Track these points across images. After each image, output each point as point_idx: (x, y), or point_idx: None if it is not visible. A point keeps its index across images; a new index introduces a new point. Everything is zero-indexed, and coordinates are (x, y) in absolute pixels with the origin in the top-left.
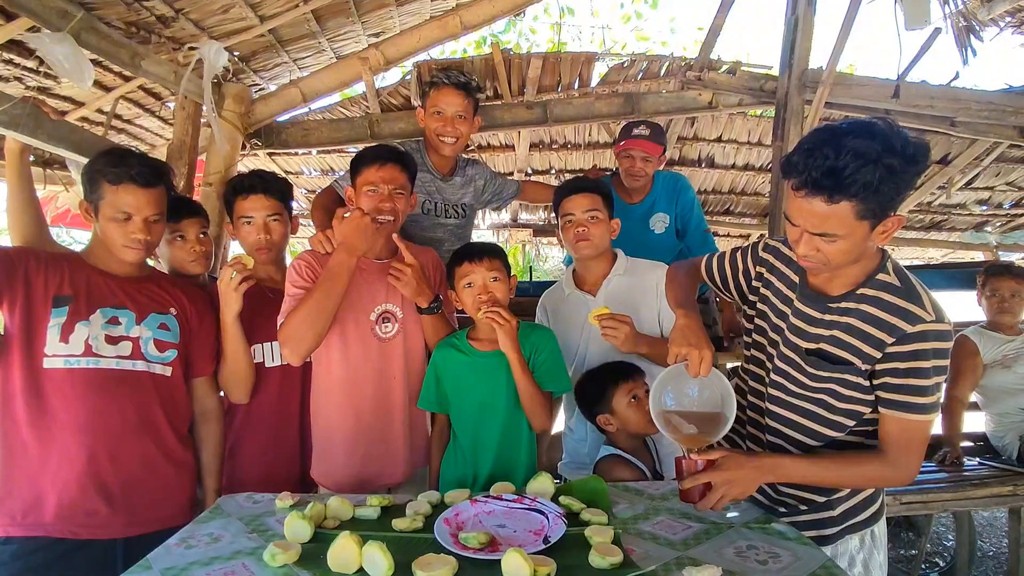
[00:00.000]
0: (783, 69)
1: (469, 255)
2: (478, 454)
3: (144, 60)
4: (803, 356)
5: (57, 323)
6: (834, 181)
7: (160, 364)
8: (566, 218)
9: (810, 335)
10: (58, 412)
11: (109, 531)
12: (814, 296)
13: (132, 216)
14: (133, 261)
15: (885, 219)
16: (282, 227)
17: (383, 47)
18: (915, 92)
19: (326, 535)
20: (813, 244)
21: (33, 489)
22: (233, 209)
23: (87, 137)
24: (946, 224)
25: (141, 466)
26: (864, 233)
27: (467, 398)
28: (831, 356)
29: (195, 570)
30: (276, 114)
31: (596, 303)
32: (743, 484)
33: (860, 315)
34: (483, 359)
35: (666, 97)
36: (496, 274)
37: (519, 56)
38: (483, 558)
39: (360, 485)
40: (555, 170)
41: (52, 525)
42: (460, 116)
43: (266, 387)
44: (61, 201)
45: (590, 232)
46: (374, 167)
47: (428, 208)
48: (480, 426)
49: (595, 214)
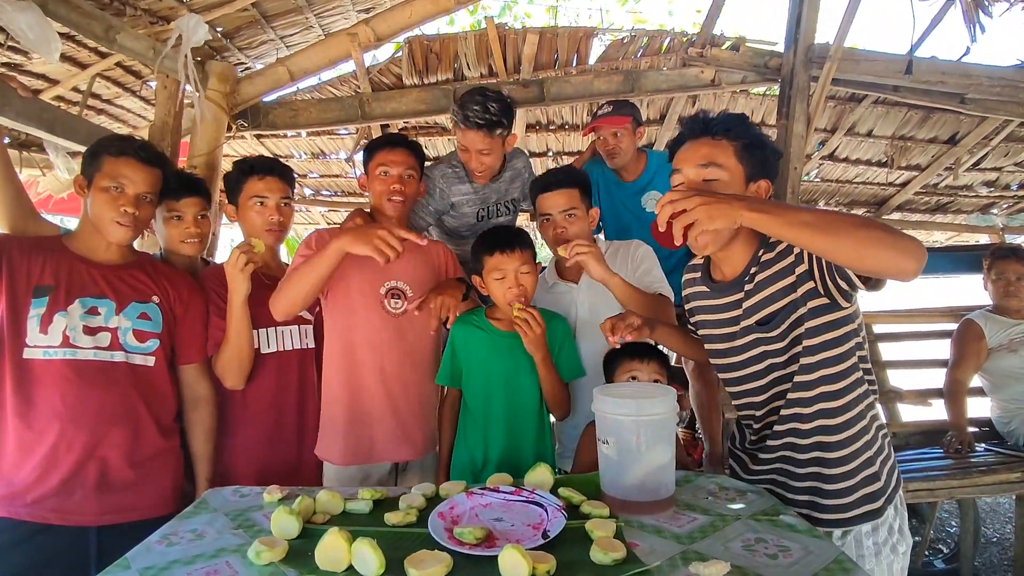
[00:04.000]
0: (788, 44)
1: (500, 246)
2: (489, 433)
3: (120, 34)
4: (758, 329)
5: (37, 314)
6: (715, 122)
7: (140, 355)
8: (543, 216)
9: (749, 309)
10: (36, 402)
11: (80, 518)
12: (723, 285)
13: (125, 188)
14: (120, 240)
15: (756, 179)
16: (290, 212)
17: (373, 23)
18: (926, 68)
19: (315, 531)
20: (696, 184)
21: (12, 474)
22: (241, 190)
23: (60, 116)
24: (952, 206)
25: (119, 456)
26: (740, 182)
27: (484, 376)
28: (776, 311)
29: (176, 569)
30: (262, 94)
31: (579, 291)
32: (719, 207)
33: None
34: (502, 338)
35: (667, 75)
36: (527, 266)
37: (515, 32)
38: (479, 554)
39: (362, 459)
40: (552, 152)
41: (24, 508)
42: (485, 152)
43: (262, 374)
44: (42, 187)
45: (568, 232)
46: (385, 150)
47: (482, 215)
48: (495, 404)
49: (573, 212)
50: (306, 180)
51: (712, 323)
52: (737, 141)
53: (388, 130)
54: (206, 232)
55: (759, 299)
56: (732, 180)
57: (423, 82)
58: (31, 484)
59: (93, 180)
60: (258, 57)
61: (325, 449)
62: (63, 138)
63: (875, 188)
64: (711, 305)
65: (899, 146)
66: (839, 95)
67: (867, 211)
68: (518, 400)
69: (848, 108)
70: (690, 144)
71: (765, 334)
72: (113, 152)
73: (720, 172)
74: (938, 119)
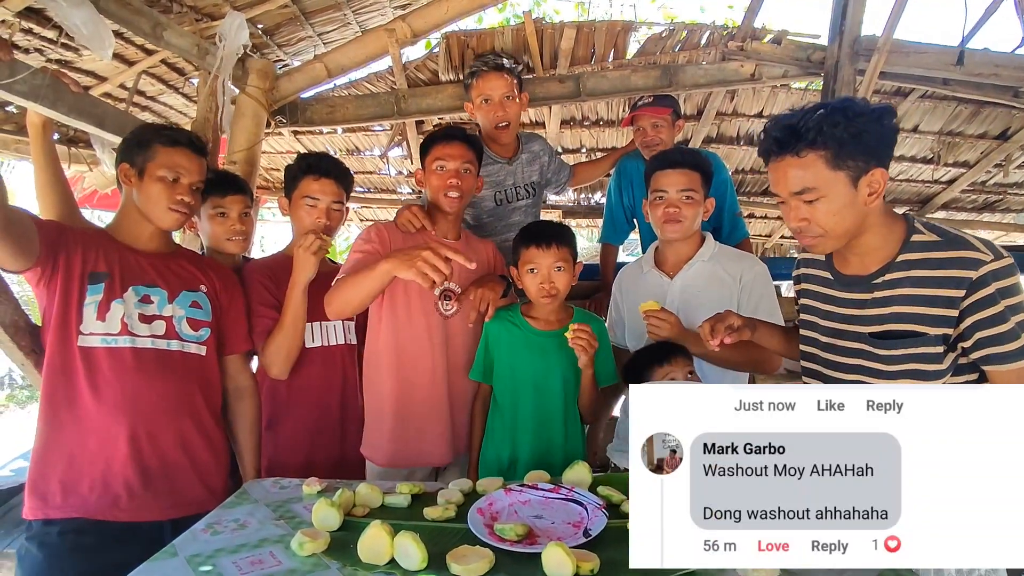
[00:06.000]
0: (833, 36)
1: (536, 239)
2: (518, 432)
3: (166, 31)
4: (870, 341)
5: (94, 300)
6: (792, 134)
7: (195, 343)
8: (656, 194)
9: (868, 318)
10: (96, 392)
11: (151, 513)
12: (850, 280)
13: (181, 178)
14: (172, 226)
15: (864, 173)
16: (340, 216)
17: (410, 18)
18: (978, 60)
19: (355, 523)
20: (800, 212)
21: (71, 471)
22: (296, 187)
23: (110, 112)
24: (1000, 204)
25: (180, 447)
26: (845, 188)
27: (516, 375)
28: (898, 332)
29: (221, 557)
30: (300, 90)
31: (672, 286)
32: None
33: (913, 282)
34: (537, 337)
35: (705, 69)
36: (561, 263)
37: (551, 26)
38: (521, 551)
39: (409, 462)
40: (586, 149)
41: (93, 507)
42: (508, 97)
43: (307, 368)
44: (88, 182)
45: (681, 214)
46: (442, 144)
47: (500, 198)
48: (524, 403)
49: (690, 194)
50: None
51: (822, 313)
52: (826, 149)
53: (423, 127)
54: (250, 230)
55: (886, 312)
56: (836, 193)
57: (459, 78)
58: (94, 481)
59: (146, 169)
60: (296, 54)
61: (370, 449)
62: (112, 133)
63: (919, 186)
64: (829, 295)
65: (947, 142)
66: (884, 89)
67: (911, 210)
68: (547, 400)
69: (894, 103)
70: (774, 165)
71: (874, 348)
72: (166, 142)
73: (816, 193)
74: (989, 113)
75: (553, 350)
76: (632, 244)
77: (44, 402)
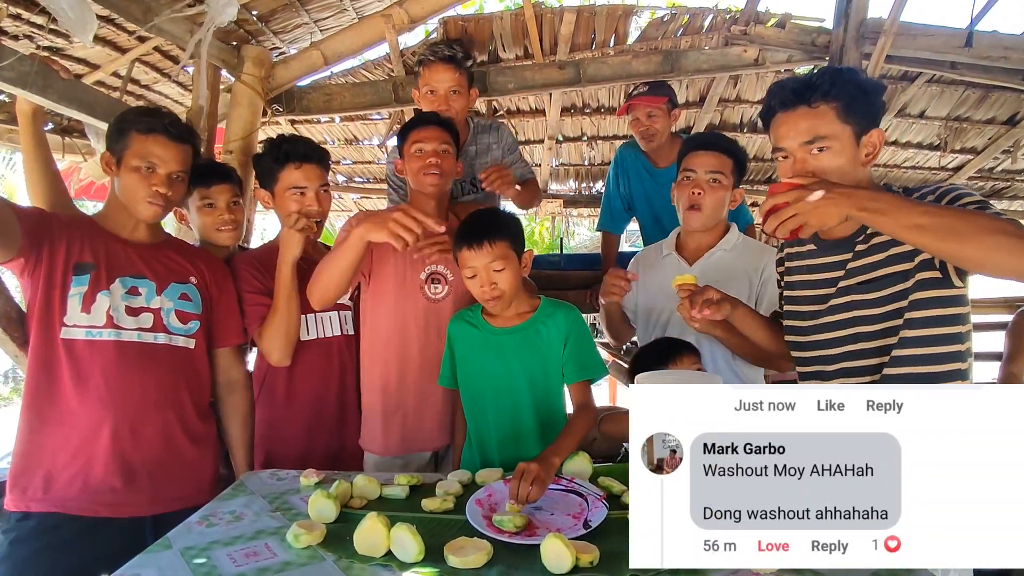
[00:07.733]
0: (838, 20)
1: (467, 240)
2: (486, 438)
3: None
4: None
5: (78, 292)
6: (808, 87)
7: (183, 336)
8: (685, 174)
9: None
10: (78, 385)
11: (133, 509)
12: (830, 243)
13: (157, 168)
14: (150, 218)
15: (865, 132)
16: (328, 198)
17: (407, 5)
18: (987, 42)
19: (352, 515)
20: (807, 164)
21: (54, 464)
22: (277, 179)
23: (101, 99)
24: (1008, 191)
25: (163, 442)
26: (850, 143)
27: (478, 378)
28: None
29: (216, 549)
30: (297, 78)
31: (690, 273)
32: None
33: None
34: (496, 336)
35: (708, 54)
36: (499, 261)
37: (551, 11)
38: (520, 543)
39: (404, 448)
40: (587, 136)
41: (73, 502)
42: (454, 92)
43: (303, 360)
44: (84, 173)
45: (705, 197)
46: (418, 128)
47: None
48: (490, 407)
49: (718, 177)
50: (339, 167)
51: (806, 284)
52: (838, 102)
53: None
54: (240, 219)
55: (869, 261)
56: (842, 145)
57: None
58: (75, 475)
59: (122, 158)
60: (292, 41)
61: (368, 439)
62: (103, 121)
63: (926, 173)
64: (811, 265)
65: (954, 128)
66: (891, 73)
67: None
68: (514, 403)
69: (900, 88)
70: (785, 116)
71: (863, 296)
72: (142, 129)
73: (826, 142)
74: (997, 98)
75: (516, 348)
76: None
77: (27, 395)
